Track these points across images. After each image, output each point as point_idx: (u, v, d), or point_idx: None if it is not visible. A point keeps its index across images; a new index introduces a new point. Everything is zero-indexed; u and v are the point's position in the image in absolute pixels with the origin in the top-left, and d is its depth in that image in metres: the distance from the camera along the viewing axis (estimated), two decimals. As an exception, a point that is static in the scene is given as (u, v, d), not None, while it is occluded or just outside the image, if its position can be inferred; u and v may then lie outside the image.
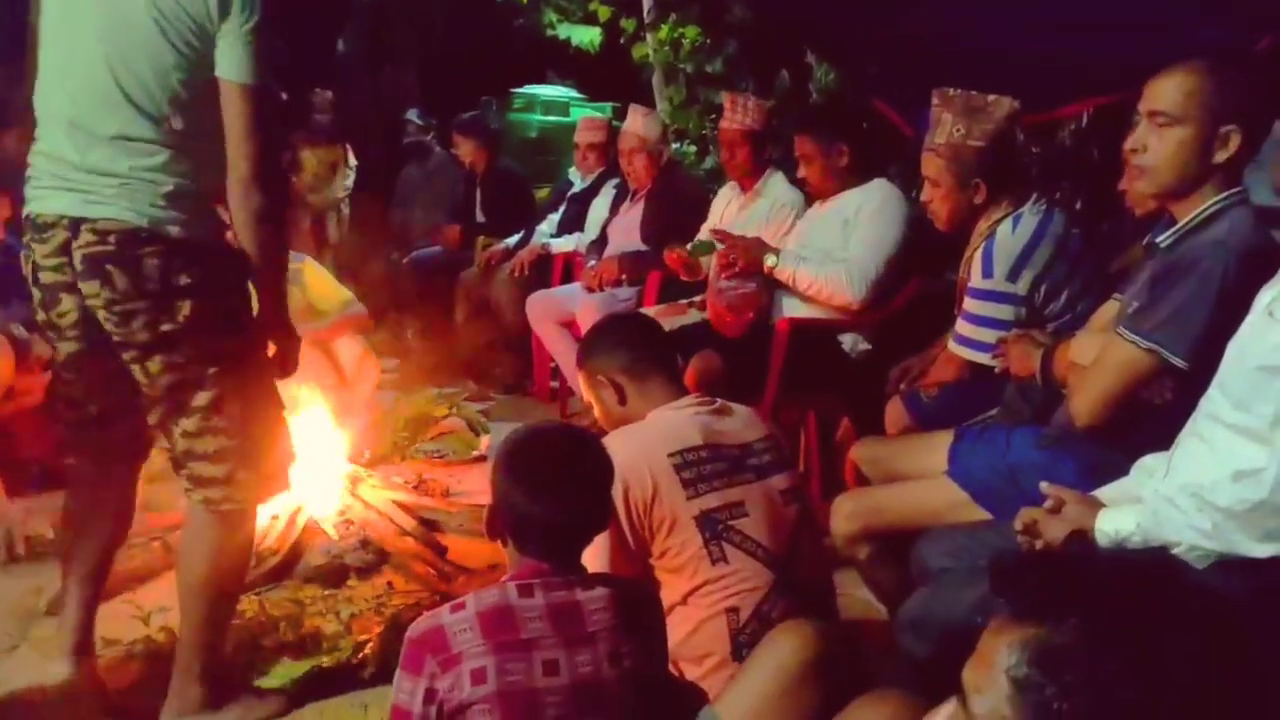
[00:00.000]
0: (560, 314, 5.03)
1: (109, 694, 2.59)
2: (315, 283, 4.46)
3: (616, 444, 2.18)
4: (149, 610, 2.79)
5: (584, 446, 1.87)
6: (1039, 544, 1.86)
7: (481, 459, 4.49)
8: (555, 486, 1.79)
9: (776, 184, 4.32)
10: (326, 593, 3.05)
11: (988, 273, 2.91)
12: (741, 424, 2.38)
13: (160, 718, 2.47)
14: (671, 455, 2.23)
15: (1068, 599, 0.98)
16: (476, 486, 4.01)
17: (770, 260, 3.71)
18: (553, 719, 1.71)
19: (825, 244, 3.72)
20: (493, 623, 1.72)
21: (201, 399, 2.29)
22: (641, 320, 2.82)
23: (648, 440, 2.26)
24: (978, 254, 2.97)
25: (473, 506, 3.67)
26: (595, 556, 2.04)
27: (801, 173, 3.91)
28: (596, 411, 2.46)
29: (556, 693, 1.71)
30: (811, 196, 4.01)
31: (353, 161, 7.25)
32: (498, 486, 1.83)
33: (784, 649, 1.64)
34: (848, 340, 3.76)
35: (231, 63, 2.18)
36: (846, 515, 2.37)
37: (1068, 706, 0.93)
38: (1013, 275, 2.88)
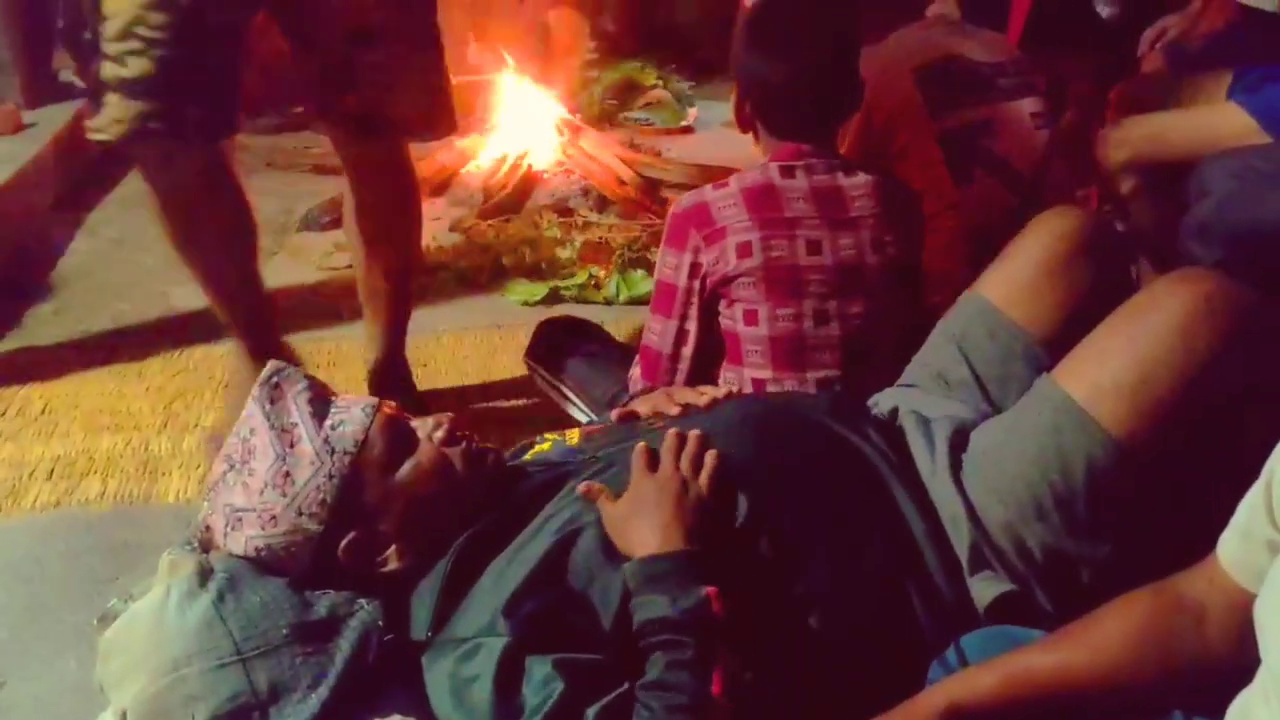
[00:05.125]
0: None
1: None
2: None
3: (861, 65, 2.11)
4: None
5: (830, 4, 1.80)
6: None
7: (689, 130, 4.47)
8: (802, 46, 1.72)
9: None
10: (561, 220, 3.16)
11: (1281, -102, 2.60)
12: (990, 45, 2.28)
13: None
14: (917, 70, 2.16)
15: None
16: (688, 152, 4.00)
17: None
18: (814, 296, 1.73)
19: None
20: (757, 199, 1.72)
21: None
22: None
23: (891, 58, 2.19)
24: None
25: (687, 165, 3.67)
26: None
27: None
28: None
29: (819, 271, 1.73)
30: None
31: None
32: (743, 63, 1.77)
33: (1052, 225, 1.58)
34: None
35: None
36: (1117, 142, 2.25)
37: None
38: (1311, -101, 2.57)
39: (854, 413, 1.53)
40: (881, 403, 1.62)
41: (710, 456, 1.34)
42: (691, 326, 1.77)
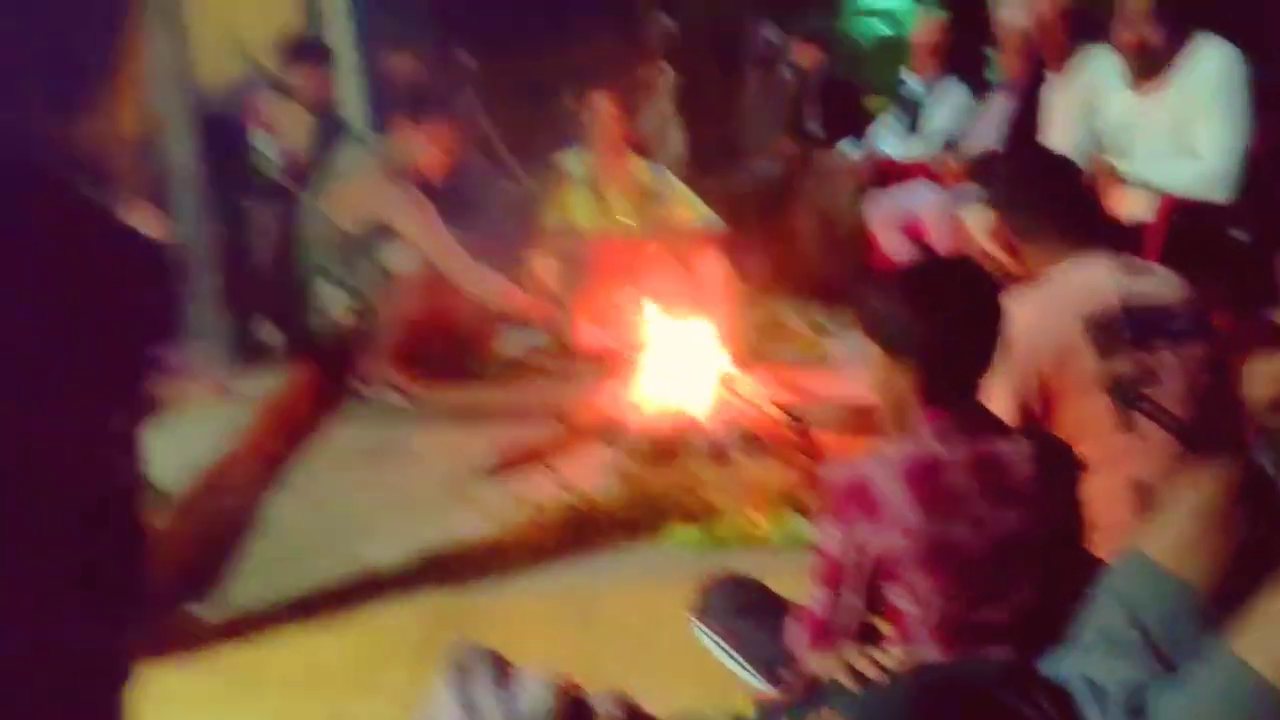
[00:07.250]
0: (901, 216, 4.91)
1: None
2: (678, 195, 4.73)
3: (1025, 307, 2.09)
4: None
5: (977, 268, 1.90)
6: None
7: (829, 362, 4.55)
8: (970, 310, 1.78)
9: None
10: (717, 465, 3.31)
11: None
12: (1160, 284, 2.23)
13: None
14: (1085, 319, 2.13)
15: None
16: (831, 389, 4.10)
17: None
18: (978, 576, 1.73)
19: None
20: (918, 476, 1.73)
21: None
22: (1046, 158, 2.68)
23: (1057, 303, 2.18)
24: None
25: (838, 405, 3.76)
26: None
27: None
28: None
29: (982, 551, 1.72)
30: None
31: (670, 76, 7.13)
32: (901, 329, 1.78)
33: (1206, 476, 1.62)
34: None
35: None
36: (1271, 377, 2.24)
37: None
38: None
39: (1024, 680, 1.56)
40: (1048, 666, 1.64)
41: None
42: (852, 599, 1.78)
